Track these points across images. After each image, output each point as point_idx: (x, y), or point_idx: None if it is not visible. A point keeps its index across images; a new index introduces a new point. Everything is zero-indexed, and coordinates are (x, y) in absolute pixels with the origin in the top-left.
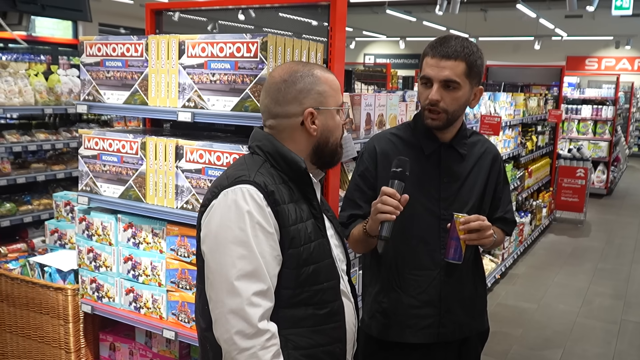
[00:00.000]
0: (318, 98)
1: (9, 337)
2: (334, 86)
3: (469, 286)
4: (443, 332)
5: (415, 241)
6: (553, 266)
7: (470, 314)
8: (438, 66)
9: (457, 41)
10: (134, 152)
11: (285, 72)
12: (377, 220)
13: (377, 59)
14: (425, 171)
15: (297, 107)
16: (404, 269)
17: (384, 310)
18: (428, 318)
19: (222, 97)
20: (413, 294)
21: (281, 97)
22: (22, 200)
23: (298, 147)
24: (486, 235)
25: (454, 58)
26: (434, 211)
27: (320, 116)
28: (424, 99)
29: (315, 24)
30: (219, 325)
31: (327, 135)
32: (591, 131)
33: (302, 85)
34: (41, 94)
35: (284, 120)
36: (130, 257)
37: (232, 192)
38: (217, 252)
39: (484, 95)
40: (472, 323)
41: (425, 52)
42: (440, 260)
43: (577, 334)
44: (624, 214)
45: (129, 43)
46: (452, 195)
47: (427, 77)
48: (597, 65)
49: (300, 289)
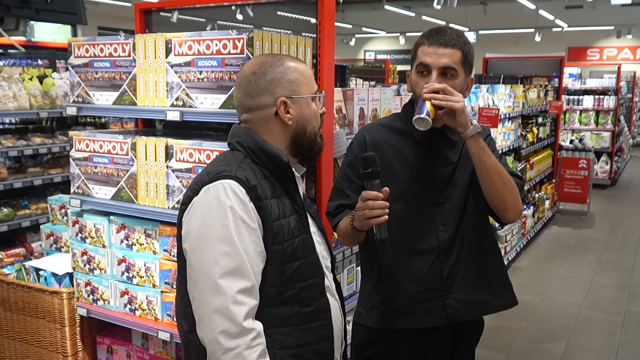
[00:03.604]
0: (290, 87)
1: (7, 342)
2: (306, 74)
3: (469, 263)
4: (453, 313)
5: (411, 227)
6: (556, 258)
7: (488, 290)
8: (436, 54)
9: (453, 31)
10: (125, 153)
11: (255, 65)
12: (370, 224)
13: (377, 55)
14: (417, 157)
15: (269, 98)
16: (402, 256)
17: (386, 299)
18: (432, 301)
19: (210, 94)
20: (414, 280)
21: (252, 89)
22: (20, 205)
23: (275, 139)
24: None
25: (451, 46)
26: (427, 196)
27: (294, 105)
28: (421, 87)
29: (314, 22)
30: (203, 325)
31: (304, 124)
32: (593, 122)
33: (272, 75)
34: (36, 98)
35: (258, 113)
36: (124, 258)
37: (214, 188)
38: (200, 249)
39: (482, 88)
40: (492, 300)
41: (420, 42)
42: (437, 243)
43: (581, 326)
44: (628, 205)
45: (117, 43)
46: (445, 179)
47: (425, 64)
48: (598, 55)
49: (285, 286)
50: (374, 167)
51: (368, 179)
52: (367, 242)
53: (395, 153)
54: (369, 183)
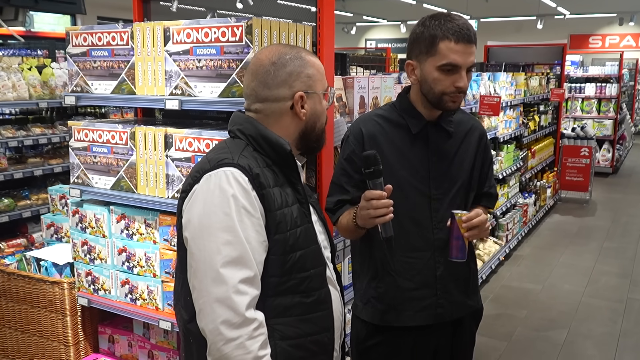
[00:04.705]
0: (307, 82)
1: (8, 332)
2: (321, 70)
3: (463, 265)
4: (440, 313)
5: (407, 223)
6: (558, 246)
7: (465, 292)
8: (466, 52)
9: (465, 21)
10: (124, 143)
11: (274, 55)
12: (374, 223)
13: (378, 43)
14: (413, 151)
15: (287, 91)
16: (397, 252)
17: (379, 295)
18: (425, 300)
19: (209, 83)
20: (408, 277)
21: (270, 80)
22: (21, 196)
23: (285, 131)
24: (486, 228)
25: (474, 42)
26: (424, 191)
27: (309, 100)
28: (447, 86)
29: (314, 10)
30: (204, 315)
31: (315, 120)
32: (595, 109)
33: (292, 68)
34: (35, 88)
35: (273, 104)
36: (124, 248)
37: (215, 176)
38: (201, 238)
39: (484, 76)
40: (467, 302)
41: (444, 35)
42: (432, 240)
43: (582, 313)
44: (630, 192)
45: (115, 32)
46: (441, 173)
47: (454, 64)
48: (601, 43)
49: (287, 276)
50: (376, 166)
51: (370, 178)
52: (365, 237)
53: (392, 147)
54: (372, 182)
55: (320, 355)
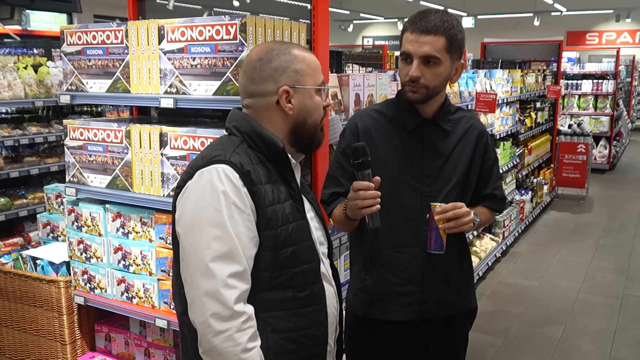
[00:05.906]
0: (294, 76)
1: (5, 331)
2: (313, 65)
3: (452, 263)
4: (426, 309)
5: (398, 218)
6: (555, 243)
7: (455, 291)
8: (418, 41)
9: (437, 15)
10: (119, 141)
11: (262, 51)
12: (362, 214)
13: (375, 41)
14: (407, 147)
15: (272, 85)
16: (386, 246)
17: (365, 287)
18: (410, 295)
19: (203, 81)
20: (395, 271)
21: (256, 75)
22: (17, 195)
23: (275, 127)
24: (464, 222)
25: (433, 33)
26: (416, 188)
27: (296, 95)
28: (405, 75)
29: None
30: (194, 308)
31: (305, 116)
32: (592, 106)
33: (278, 63)
34: (31, 87)
35: (260, 99)
36: (120, 247)
37: (207, 172)
38: (192, 233)
39: (480, 73)
40: (458, 301)
41: (405, 26)
42: (422, 237)
43: (578, 310)
44: (626, 189)
45: (109, 30)
46: (435, 171)
47: (407, 52)
48: (597, 39)
49: (279, 271)
50: (364, 157)
51: (359, 169)
52: (358, 228)
53: (386, 141)
54: (360, 173)
55: (314, 349)
